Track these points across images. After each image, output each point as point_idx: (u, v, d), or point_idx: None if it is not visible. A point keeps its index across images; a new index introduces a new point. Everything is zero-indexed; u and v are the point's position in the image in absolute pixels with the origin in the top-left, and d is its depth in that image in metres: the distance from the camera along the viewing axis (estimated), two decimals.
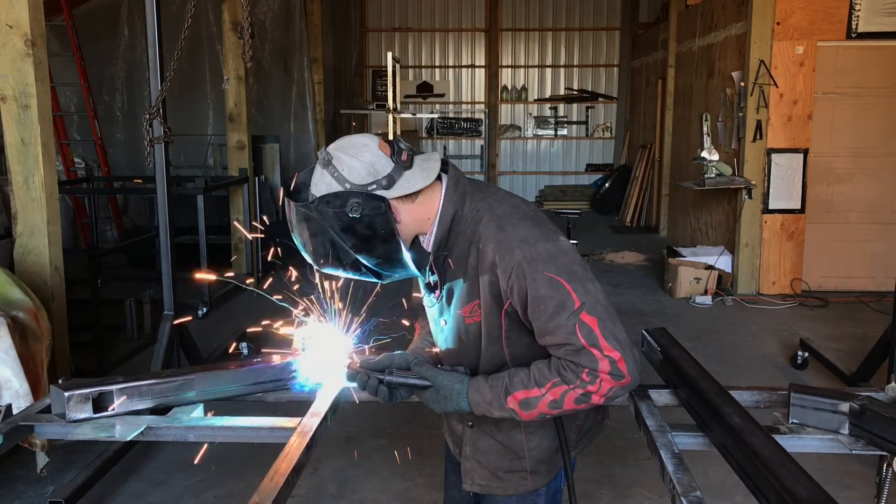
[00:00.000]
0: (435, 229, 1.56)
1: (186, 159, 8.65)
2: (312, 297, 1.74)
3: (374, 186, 1.48)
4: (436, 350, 1.75)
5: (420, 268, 1.60)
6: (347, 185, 1.47)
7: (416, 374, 1.59)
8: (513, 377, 1.51)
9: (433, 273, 1.61)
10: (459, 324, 1.62)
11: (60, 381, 1.76)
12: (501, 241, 1.49)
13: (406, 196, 1.51)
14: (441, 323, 1.67)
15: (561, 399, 1.46)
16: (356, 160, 1.48)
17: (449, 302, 1.63)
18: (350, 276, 1.57)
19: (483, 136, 12.95)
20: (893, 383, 1.79)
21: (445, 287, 1.62)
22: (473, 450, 1.73)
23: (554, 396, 1.46)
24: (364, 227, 1.47)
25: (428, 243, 1.58)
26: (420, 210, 1.54)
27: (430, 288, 1.65)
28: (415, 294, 1.78)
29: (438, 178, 1.58)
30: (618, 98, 12.87)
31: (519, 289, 1.47)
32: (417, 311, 1.86)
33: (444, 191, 1.56)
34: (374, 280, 1.59)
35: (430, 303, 1.70)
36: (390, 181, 1.49)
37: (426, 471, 3.46)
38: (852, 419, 1.60)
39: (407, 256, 1.55)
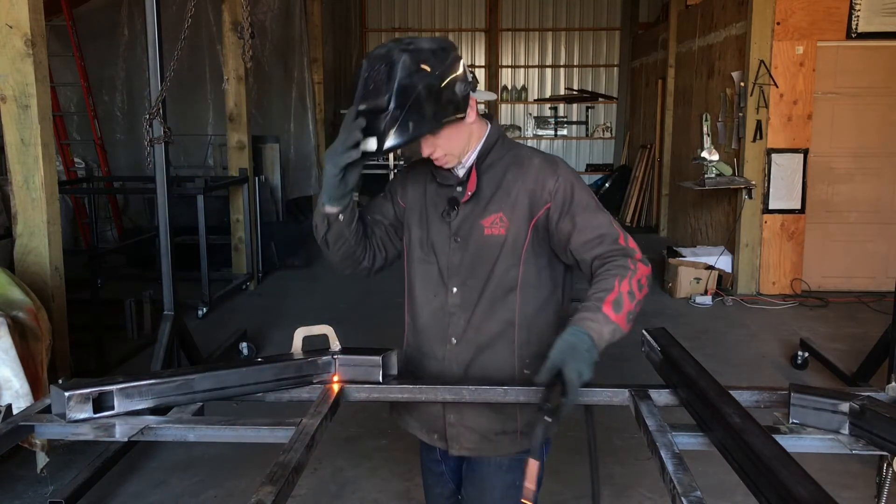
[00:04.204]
0: (483, 142, 1.75)
1: (186, 159, 8.65)
2: None
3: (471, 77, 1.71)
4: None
5: (446, 182, 1.76)
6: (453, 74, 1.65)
7: (552, 383, 1.46)
8: (590, 297, 1.61)
9: (465, 185, 1.73)
10: (478, 237, 1.71)
11: (60, 381, 1.76)
12: (546, 157, 1.77)
13: (477, 103, 1.73)
14: (453, 241, 1.73)
15: (630, 288, 1.64)
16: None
17: (468, 216, 1.72)
18: (390, 141, 1.55)
19: None
20: (893, 383, 1.78)
21: (471, 199, 1.72)
22: (458, 416, 1.75)
23: (626, 288, 1.63)
24: (450, 99, 1.62)
25: (469, 157, 1.74)
26: (474, 126, 1.73)
27: (452, 204, 1.74)
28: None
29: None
30: (618, 98, 12.86)
31: (564, 189, 1.70)
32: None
33: (491, 123, 1.80)
34: (392, 149, 1.60)
35: (443, 221, 1.77)
36: (475, 85, 1.72)
37: None
38: (852, 419, 1.60)
39: (461, 147, 1.71)
